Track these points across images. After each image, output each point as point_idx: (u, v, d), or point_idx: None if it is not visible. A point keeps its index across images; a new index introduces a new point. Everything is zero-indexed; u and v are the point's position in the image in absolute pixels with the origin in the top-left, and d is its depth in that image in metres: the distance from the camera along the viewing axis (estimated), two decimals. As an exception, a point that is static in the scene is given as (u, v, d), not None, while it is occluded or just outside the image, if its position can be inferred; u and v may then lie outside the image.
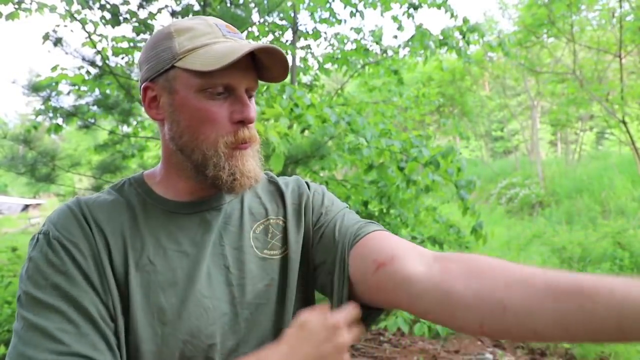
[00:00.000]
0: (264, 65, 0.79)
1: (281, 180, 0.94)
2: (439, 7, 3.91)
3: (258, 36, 4.18)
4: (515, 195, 11.54)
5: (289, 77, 4.19)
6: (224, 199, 0.84)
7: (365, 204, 3.36)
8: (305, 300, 0.86)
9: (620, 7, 5.48)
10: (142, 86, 0.81)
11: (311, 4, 4.14)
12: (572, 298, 0.57)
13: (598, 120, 13.76)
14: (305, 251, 0.87)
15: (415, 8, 3.97)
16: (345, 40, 4.75)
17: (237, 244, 0.82)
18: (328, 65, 4.71)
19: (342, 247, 0.82)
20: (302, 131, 2.90)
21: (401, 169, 2.90)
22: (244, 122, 0.77)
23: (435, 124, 12.86)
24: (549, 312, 0.59)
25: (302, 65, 4.78)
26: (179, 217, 0.80)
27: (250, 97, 0.80)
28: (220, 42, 0.76)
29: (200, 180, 0.79)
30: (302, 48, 4.77)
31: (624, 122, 5.11)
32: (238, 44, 0.75)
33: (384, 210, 3.61)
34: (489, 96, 16.04)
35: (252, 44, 0.75)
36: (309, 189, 0.92)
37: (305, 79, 4.95)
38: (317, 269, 0.86)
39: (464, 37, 3.95)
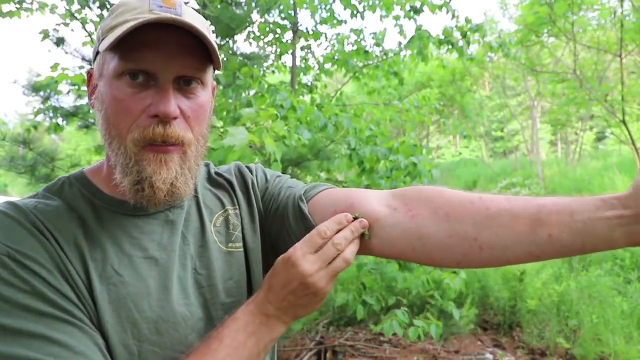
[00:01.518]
0: (213, 49, 0.66)
1: (223, 169, 0.86)
2: (439, 8, 3.90)
3: (259, 36, 4.17)
4: (515, 195, 11.52)
5: (289, 77, 4.17)
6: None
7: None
8: None
9: (622, 6, 5.47)
10: (87, 71, 0.72)
11: (315, 2, 4.13)
12: (540, 229, 0.62)
13: (598, 120, 13.76)
14: (263, 235, 0.82)
15: (417, 12, 3.96)
16: (346, 42, 4.74)
17: (201, 241, 0.74)
18: (328, 66, 4.70)
19: (295, 205, 0.77)
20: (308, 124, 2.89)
21: (388, 177, 2.93)
22: (159, 117, 0.63)
23: (436, 124, 12.85)
24: (522, 244, 0.63)
25: (302, 65, 4.78)
26: (138, 220, 0.70)
27: (188, 86, 0.66)
28: (140, 18, 0.61)
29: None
30: (302, 48, 4.76)
31: (624, 122, 5.10)
32: (157, 16, 0.61)
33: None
34: (489, 96, 16.03)
35: (159, 16, 0.61)
36: (250, 171, 0.86)
37: (305, 79, 4.95)
38: (278, 242, 0.81)
39: (464, 37, 3.94)
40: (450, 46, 3.95)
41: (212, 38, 0.67)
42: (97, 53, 0.68)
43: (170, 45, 0.63)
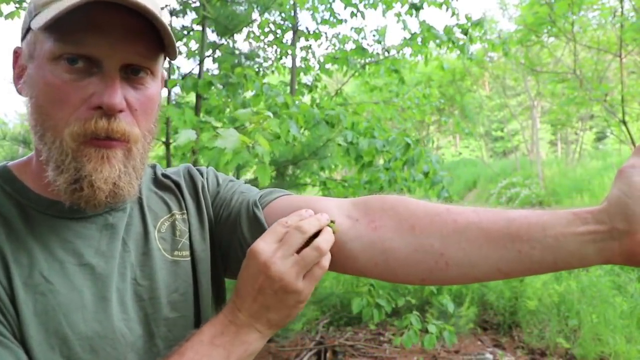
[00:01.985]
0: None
1: (171, 171, 0.78)
2: (440, 6, 3.90)
3: (259, 36, 4.17)
4: (515, 195, 11.53)
5: (289, 77, 4.16)
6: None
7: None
8: (219, 303, 0.75)
9: (622, 6, 5.47)
10: (13, 50, 0.62)
11: (315, 3, 4.13)
12: (510, 245, 0.58)
13: (598, 120, 13.77)
14: (213, 244, 0.75)
15: (417, 9, 3.96)
16: (347, 40, 4.74)
17: (144, 248, 0.67)
18: (328, 66, 4.70)
19: (249, 212, 0.71)
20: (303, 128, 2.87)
21: (387, 169, 2.93)
22: (103, 110, 0.57)
23: (436, 124, 12.86)
24: (490, 260, 0.60)
25: (302, 65, 4.78)
26: (73, 222, 0.62)
27: (136, 76, 0.59)
28: None
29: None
30: (302, 48, 4.76)
31: (624, 122, 5.10)
32: None
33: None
34: (489, 96, 16.04)
35: None
36: (200, 174, 0.78)
37: (305, 79, 4.95)
38: (229, 252, 0.74)
39: (466, 34, 3.94)
40: (451, 44, 3.95)
41: (167, 23, 0.60)
42: (27, 30, 0.59)
43: (118, 27, 0.56)
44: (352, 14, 4.25)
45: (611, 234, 0.54)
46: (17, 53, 0.62)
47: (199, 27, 3.11)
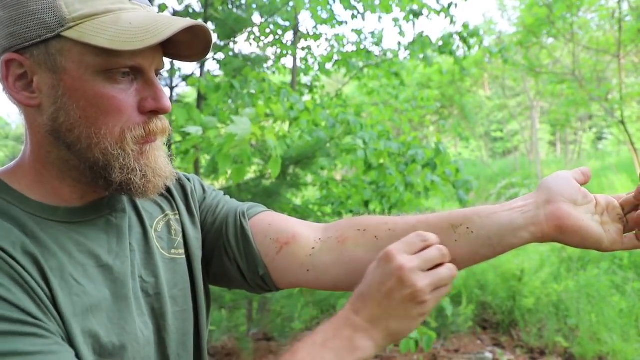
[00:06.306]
0: (178, 40, 0.61)
1: None
2: (438, 13, 3.93)
3: (259, 37, 4.20)
4: (514, 195, 11.54)
5: (289, 77, 4.18)
6: (122, 198, 0.69)
7: (366, 203, 3.41)
8: (207, 301, 0.79)
9: (619, 7, 5.50)
10: (3, 59, 0.58)
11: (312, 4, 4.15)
12: (451, 232, 0.68)
13: (597, 120, 13.80)
14: (203, 245, 0.79)
15: (416, 15, 3.99)
16: (345, 42, 4.76)
17: (145, 247, 0.70)
18: (328, 66, 4.72)
19: (236, 221, 0.77)
20: (300, 136, 2.92)
21: (401, 172, 2.95)
22: (157, 112, 0.63)
23: (435, 125, 12.88)
24: None
25: (302, 66, 4.80)
26: (76, 226, 0.63)
27: (157, 75, 0.65)
28: (129, 10, 0.58)
29: (96, 184, 0.63)
30: (302, 49, 4.79)
31: (623, 123, 5.13)
32: (151, 13, 0.60)
33: (385, 211, 3.65)
34: (489, 97, 16.06)
35: (179, 19, 0.59)
36: (188, 180, 0.82)
37: (305, 79, 4.97)
38: (212, 257, 0.79)
39: (464, 41, 3.97)
40: (449, 53, 3.99)
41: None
42: (42, 39, 0.56)
43: (170, 41, 0.61)
44: (353, 16, 4.28)
45: (536, 204, 0.66)
46: (9, 62, 0.58)
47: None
